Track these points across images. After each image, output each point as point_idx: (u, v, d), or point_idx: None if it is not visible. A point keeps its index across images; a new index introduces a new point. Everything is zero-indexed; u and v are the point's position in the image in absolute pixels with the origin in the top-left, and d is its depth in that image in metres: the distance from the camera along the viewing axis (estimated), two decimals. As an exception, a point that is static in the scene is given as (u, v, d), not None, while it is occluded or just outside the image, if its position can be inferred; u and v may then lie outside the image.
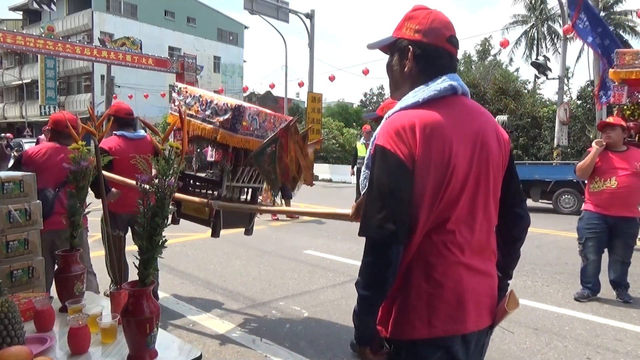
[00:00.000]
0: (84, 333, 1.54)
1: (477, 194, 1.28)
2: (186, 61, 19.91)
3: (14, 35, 14.21)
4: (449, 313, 1.23)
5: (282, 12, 19.10)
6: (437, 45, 1.32)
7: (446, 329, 1.23)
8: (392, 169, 1.20)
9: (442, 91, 1.28)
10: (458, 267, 1.25)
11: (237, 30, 42.61)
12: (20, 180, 2.11)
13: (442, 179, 1.21)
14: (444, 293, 1.23)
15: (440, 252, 1.24)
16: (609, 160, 4.24)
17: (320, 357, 3.19)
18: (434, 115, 1.23)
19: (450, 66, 1.35)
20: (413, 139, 1.20)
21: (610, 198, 4.18)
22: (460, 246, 1.25)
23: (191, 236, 7.18)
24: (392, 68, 1.41)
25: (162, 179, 1.47)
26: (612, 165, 4.21)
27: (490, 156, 1.31)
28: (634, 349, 3.35)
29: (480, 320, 1.29)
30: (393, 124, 1.24)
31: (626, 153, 4.28)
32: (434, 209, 1.23)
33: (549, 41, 29.60)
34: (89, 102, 31.89)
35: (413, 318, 1.24)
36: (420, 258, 1.25)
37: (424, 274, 1.24)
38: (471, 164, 1.26)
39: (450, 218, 1.24)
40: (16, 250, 2.08)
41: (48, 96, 32.58)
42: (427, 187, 1.21)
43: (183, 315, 3.89)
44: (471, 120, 1.31)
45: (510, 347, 3.35)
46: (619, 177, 4.15)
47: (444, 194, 1.22)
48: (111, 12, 34.05)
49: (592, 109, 18.13)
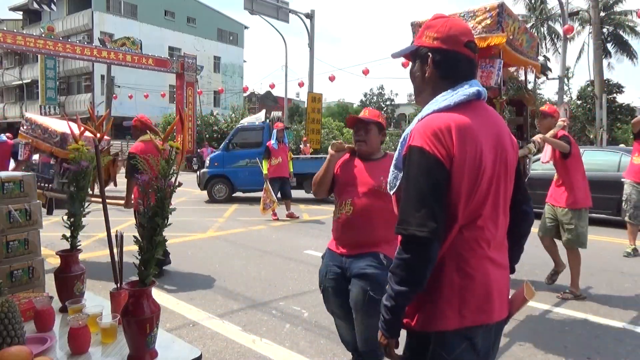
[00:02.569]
0: (84, 333, 1.54)
1: (499, 193, 1.37)
2: (186, 61, 19.88)
3: (14, 35, 14.21)
4: (478, 304, 1.32)
5: (282, 12, 19.12)
6: (455, 51, 1.40)
7: (475, 319, 1.31)
8: (431, 169, 1.26)
9: (470, 95, 1.36)
10: (485, 261, 1.34)
11: (237, 30, 42.64)
12: (20, 180, 2.11)
13: (475, 178, 1.30)
14: (475, 285, 1.31)
15: (472, 247, 1.32)
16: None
17: (320, 357, 3.19)
18: (466, 119, 1.31)
19: (471, 71, 1.44)
20: (450, 140, 1.27)
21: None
22: (488, 241, 1.34)
23: (191, 236, 7.18)
24: (414, 74, 1.49)
25: (162, 179, 1.48)
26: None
27: (508, 158, 1.40)
28: (634, 349, 3.35)
29: (502, 310, 1.39)
30: (430, 126, 1.30)
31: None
32: (467, 206, 1.30)
33: (549, 41, 29.59)
34: (89, 102, 31.90)
35: (445, 309, 1.31)
36: (452, 253, 1.32)
37: (456, 267, 1.32)
38: (494, 165, 1.35)
39: (481, 215, 1.32)
40: (16, 250, 2.08)
41: (48, 96, 32.58)
42: (462, 186, 1.29)
43: (183, 315, 3.89)
44: (493, 124, 1.40)
45: (510, 347, 3.35)
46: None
47: (476, 192, 1.30)
48: (111, 12, 34.06)
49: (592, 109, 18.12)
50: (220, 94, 35.42)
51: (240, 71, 42.87)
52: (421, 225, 1.23)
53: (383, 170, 2.39)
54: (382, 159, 2.58)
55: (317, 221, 8.93)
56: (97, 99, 31.90)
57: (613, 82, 18.95)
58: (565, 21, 14.06)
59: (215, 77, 39.77)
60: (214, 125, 27.16)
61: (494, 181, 1.34)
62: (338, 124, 30.42)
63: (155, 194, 1.48)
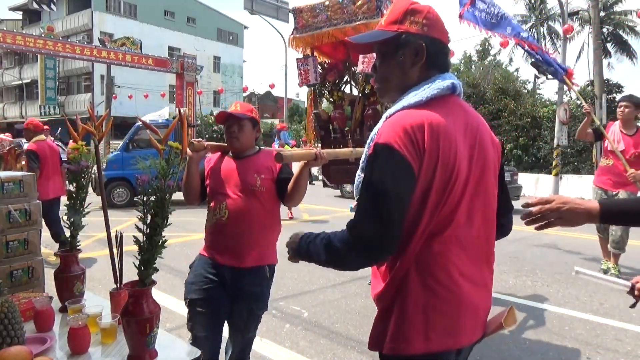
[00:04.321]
0: (84, 333, 1.53)
1: (477, 198, 1.23)
2: (186, 61, 19.91)
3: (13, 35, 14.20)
4: (446, 326, 1.19)
5: (282, 12, 19.12)
6: (443, 41, 1.29)
7: (442, 343, 1.19)
8: (397, 170, 1.13)
9: (445, 89, 1.24)
10: (457, 276, 1.20)
11: (237, 30, 42.59)
12: (20, 180, 2.11)
13: (448, 180, 1.16)
14: (442, 305, 1.19)
15: (441, 261, 1.19)
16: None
17: (320, 357, 3.19)
18: (437, 115, 1.18)
19: (448, 64, 1.34)
20: (422, 138, 1.14)
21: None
22: (461, 254, 1.21)
23: (191, 236, 7.18)
24: (391, 65, 1.31)
25: (162, 180, 1.48)
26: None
27: (488, 159, 1.28)
28: (634, 349, 3.35)
29: (474, 333, 1.25)
30: (398, 123, 1.17)
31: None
32: (436, 212, 1.17)
33: (549, 41, 29.58)
34: (89, 102, 31.89)
35: (410, 332, 1.18)
36: (419, 266, 1.19)
37: (422, 283, 1.19)
38: (470, 167, 1.21)
39: (451, 224, 1.19)
40: (16, 250, 2.08)
41: (48, 96, 32.56)
42: (432, 190, 1.16)
43: (183, 316, 3.88)
44: (470, 122, 1.27)
45: (510, 347, 3.35)
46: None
47: (447, 197, 1.17)
48: (111, 12, 34.04)
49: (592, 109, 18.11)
50: (220, 94, 35.38)
51: (240, 71, 42.82)
52: (378, 235, 1.12)
53: (259, 166, 2.26)
54: (255, 154, 2.34)
55: (318, 221, 8.93)
56: (97, 99, 31.85)
57: (613, 82, 18.93)
58: (565, 21, 14.04)
59: (215, 77, 39.74)
60: (214, 125, 27.16)
61: (470, 185, 1.21)
62: (338, 124, 30.34)
63: (155, 194, 1.48)
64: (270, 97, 47.49)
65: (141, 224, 1.48)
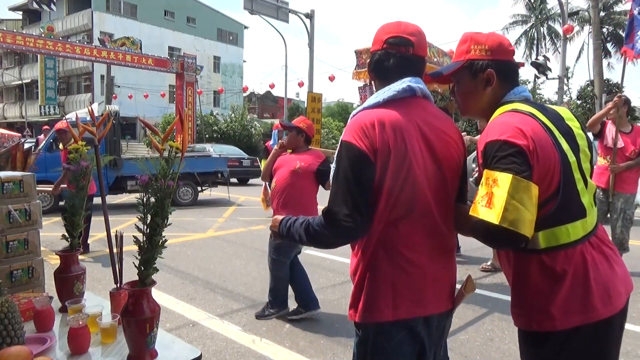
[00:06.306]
0: (84, 333, 1.53)
1: (439, 188, 1.41)
2: (186, 61, 19.86)
3: (13, 35, 14.20)
4: (412, 297, 1.38)
5: (282, 12, 19.09)
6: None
7: (409, 312, 1.37)
8: (357, 162, 1.34)
9: (400, 92, 1.42)
10: (420, 255, 1.39)
11: (237, 30, 42.61)
12: (20, 180, 2.11)
13: (400, 165, 1.34)
14: (408, 279, 1.37)
15: (405, 242, 1.38)
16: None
17: (320, 356, 3.19)
18: (391, 113, 1.38)
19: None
20: (373, 133, 1.34)
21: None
22: (422, 235, 1.39)
23: (191, 236, 7.18)
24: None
25: (162, 180, 1.47)
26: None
27: (450, 155, 1.45)
28: (633, 349, 3.35)
29: (440, 303, 1.44)
30: (357, 122, 1.39)
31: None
32: (393, 195, 1.35)
33: (549, 41, 29.63)
34: (89, 102, 31.87)
35: (380, 302, 1.38)
36: (385, 246, 1.38)
37: (389, 261, 1.38)
38: (426, 160, 1.38)
39: (414, 209, 1.37)
40: (16, 250, 2.08)
41: (48, 96, 32.59)
42: (387, 174, 1.34)
43: (183, 315, 3.89)
44: (428, 119, 1.44)
45: (510, 347, 3.35)
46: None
47: (403, 183, 1.34)
48: (111, 12, 34.05)
49: (592, 109, 18.13)
50: (220, 93, 35.40)
51: (240, 71, 42.84)
52: (347, 216, 1.33)
53: (301, 159, 3.59)
54: (303, 152, 3.69)
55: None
56: (97, 99, 31.82)
57: (613, 82, 18.94)
58: (565, 21, 14.05)
59: (215, 77, 39.76)
60: (214, 125, 27.17)
61: (428, 175, 1.38)
62: (338, 124, 30.40)
63: (155, 194, 1.48)
64: (270, 97, 47.49)
65: (141, 224, 1.48)
